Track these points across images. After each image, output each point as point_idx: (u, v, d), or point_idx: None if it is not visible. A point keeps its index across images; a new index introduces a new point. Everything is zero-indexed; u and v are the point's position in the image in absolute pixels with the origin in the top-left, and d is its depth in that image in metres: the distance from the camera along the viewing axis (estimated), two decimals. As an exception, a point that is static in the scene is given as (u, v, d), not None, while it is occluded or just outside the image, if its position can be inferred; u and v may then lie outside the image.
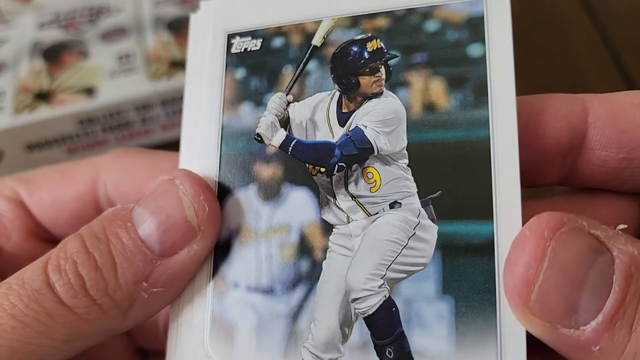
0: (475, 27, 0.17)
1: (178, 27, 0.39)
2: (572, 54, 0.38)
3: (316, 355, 0.16)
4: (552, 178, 0.18)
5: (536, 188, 0.19)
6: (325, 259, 0.17)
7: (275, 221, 0.18)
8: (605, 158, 0.17)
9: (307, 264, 0.17)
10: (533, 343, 0.14)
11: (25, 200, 0.21)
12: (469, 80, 0.17)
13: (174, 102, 0.35)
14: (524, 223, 0.15)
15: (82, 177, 0.21)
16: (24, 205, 0.21)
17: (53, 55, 0.38)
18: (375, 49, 0.18)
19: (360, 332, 0.16)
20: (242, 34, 0.19)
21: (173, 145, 0.37)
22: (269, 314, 0.17)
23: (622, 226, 0.14)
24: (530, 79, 0.17)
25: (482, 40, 0.17)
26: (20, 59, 0.38)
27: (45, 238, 0.22)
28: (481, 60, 0.16)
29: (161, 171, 0.20)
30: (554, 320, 0.13)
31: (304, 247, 0.17)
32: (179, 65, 0.36)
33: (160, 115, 0.36)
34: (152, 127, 0.36)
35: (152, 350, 0.23)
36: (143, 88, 0.35)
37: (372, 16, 0.18)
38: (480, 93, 0.16)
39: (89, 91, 0.35)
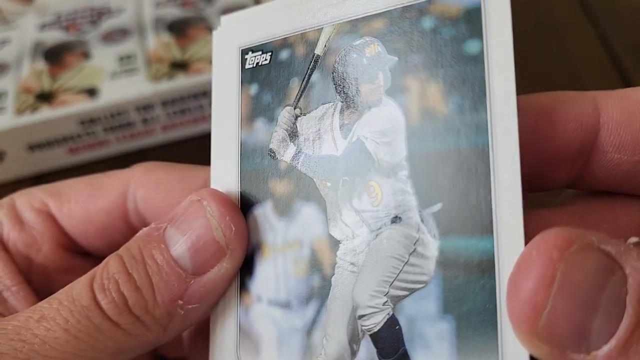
0: (472, 20, 0.15)
1: (179, 29, 0.38)
2: (570, 56, 0.36)
3: None
4: (561, 181, 0.17)
5: (544, 193, 0.17)
6: (334, 274, 0.17)
7: (289, 237, 0.18)
8: (619, 161, 0.15)
9: (318, 279, 0.17)
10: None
11: (54, 213, 0.22)
12: (466, 82, 0.15)
13: (174, 103, 0.35)
14: (528, 237, 0.13)
15: (112, 190, 0.22)
16: (53, 217, 0.22)
17: (54, 56, 0.38)
18: (373, 54, 0.17)
19: (367, 348, 0.16)
20: (254, 49, 0.20)
21: (173, 146, 0.37)
22: (287, 327, 0.18)
23: (633, 239, 0.12)
24: (528, 82, 0.15)
25: (479, 35, 0.15)
26: (21, 60, 0.38)
27: (74, 249, 0.23)
28: (479, 58, 0.15)
29: (191, 186, 0.21)
30: (563, 346, 0.12)
31: (314, 263, 0.17)
32: (179, 66, 0.36)
33: (161, 116, 0.36)
34: (153, 127, 0.36)
35: (170, 358, 0.24)
36: (144, 89, 0.35)
37: (369, 18, 0.18)
38: (478, 95, 0.15)
39: (91, 92, 0.35)
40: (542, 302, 0.12)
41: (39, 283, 0.21)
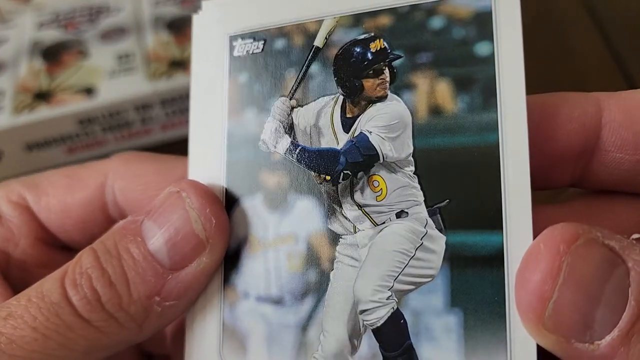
0: (482, 23, 0.16)
1: (178, 27, 0.38)
2: (574, 56, 0.37)
3: None
4: (564, 180, 0.18)
5: (548, 190, 0.18)
6: (332, 269, 0.17)
7: (282, 231, 0.18)
8: (620, 160, 0.16)
9: (315, 274, 0.17)
10: (543, 356, 0.14)
11: (32, 206, 0.21)
12: (477, 82, 0.16)
13: (173, 102, 0.35)
14: (535, 233, 0.14)
15: (90, 182, 0.21)
16: (31, 210, 0.21)
17: (52, 55, 0.38)
18: (378, 49, 0.17)
19: (369, 343, 0.16)
20: (243, 36, 0.19)
21: (173, 145, 0.36)
22: (279, 324, 0.17)
23: (636, 235, 0.14)
24: (531, 82, 0.16)
25: (490, 37, 0.16)
26: (19, 59, 0.38)
27: (53, 243, 0.22)
28: (489, 60, 0.16)
29: (171, 177, 0.20)
30: (569, 335, 0.13)
31: (311, 258, 0.17)
32: (178, 65, 0.36)
33: (159, 115, 0.35)
34: (151, 127, 0.36)
35: (157, 354, 0.23)
36: (142, 88, 0.34)
37: (374, 14, 0.17)
38: (488, 95, 0.16)
39: (89, 91, 0.35)
40: (548, 293, 0.13)
41: (17, 278, 0.20)
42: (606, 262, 0.13)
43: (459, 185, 0.15)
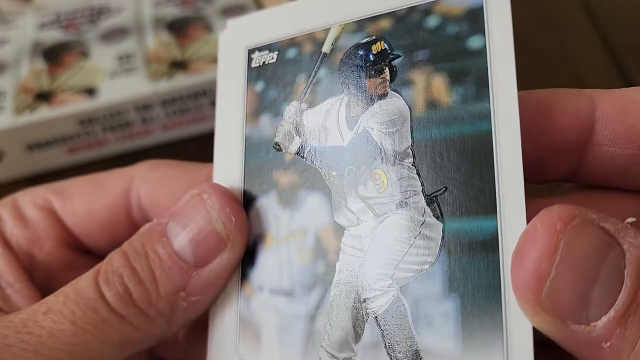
0: (474, 18, 0.16)
1: (178, 28, 0.39)
2: (571, 55, 0.36)
3: (332, 355, 0.17)
4: (559, 174, 0.18)
5: (542, 184, 0.18)
6: (338, 260, 0.17)
7: (293, 226, 0.19)
8: (613, 154, 0.16)
9: (323, 266, 0.18)
10: (538, 341, 0.14)
11: (57, 210, 0.22)
12: (470, 74, 0.16)
13: (174, 103, 0.35)
14: (528, 217, 0.14)
15: (115, 188, 0.22)
16: (56, 214, 0.22)
17: (53, 55, 0.38)
18: (380, 50, 0.18)
19: (371, 331, 0.16)
20: (260, 49, 0.20)
21: (173, 146, 0.37)
22: (290, 315, 0.18)
23: (630, 219, 0.13)
24: (529, 81, 0.16)
25: (481, 31, 0.16)
26: (20, 59, 0.38)
27: (76, 247, 0.23)
28: (481, 52, 0.16)
29: (195, 182, 0.21)
30: (565, 316, 0.13)
31: (319, 250, 0.18)
32: (179, 65, 0.36)
33: (160, 116, 0.36)
34: (152, 127, 0.36)
35: (167, 359, 0.23)
36: (143, 88, 0.35)
37: (375, 18, 0.19)
38: (481, 86, 0.16)
39: (90, 91, 0.35)
40: (546, 271, 0.13)
41: (41, 280, 0.21)
42: (602, 242, 0.13)
43: (454, 172, 0.16)
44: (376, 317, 0.16)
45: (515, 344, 0.14)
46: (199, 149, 0.36)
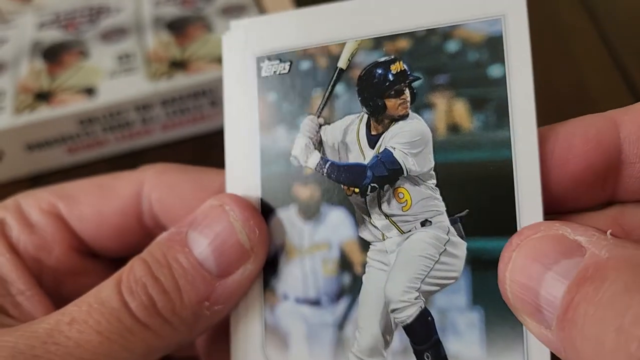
0: (494, 47, 0.17)
1: (178, 27, 0.38)
2: (573, 58, 0.37)
3: None
4: (599, 198, 0.18)
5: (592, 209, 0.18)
6: (364, 273, 0.19)
7: (316, 239, 0.19)
8: None
9: (349, 277, 0.19)
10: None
11: (64, 214, 0.22)
12: (491, 101, 0.17)
13: (174, 102, 0.35)
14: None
15: (125, 192, 0.22)
16: (63, 219, 0.22)
17: (53, 55, 0.38)
18: (399, 71, 0.19)
19: (400, 338, 0.18)
20: (270, 57, 0.20)
21: (173, 146, 0.37)
22: (317, 323, 0.19)
23: (609, 232, 0.15)
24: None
25: (501, 61, 0.17)
26: (20, 59, 0.38)
27: (85, 251, 0.22)
28: (501, 81, 0.17)
29: (207, 189, 0.21)
30: (536, 321, 0.14)
31: (344, 263, 0.19)
32: (179, 65, 0.36)
33: (160, 115, 0.36)
34: (152, 127, 0.36)
35: (177, 357, 0.23)
36: (143, 88, 0.35)
37: (393, 37, 0.19)
38: (501, 114, 0.17)
39: (89, 91, 0.35)
40: (503, 279, 0.15)
41: (50, 285, 0.21)
42: (557, 252, 0.14)
43: (476, 196, 0.17)
44: (405, 326, 0.18)
45: (535, 350, 0.16)
46: (198, 148, 0.35)
